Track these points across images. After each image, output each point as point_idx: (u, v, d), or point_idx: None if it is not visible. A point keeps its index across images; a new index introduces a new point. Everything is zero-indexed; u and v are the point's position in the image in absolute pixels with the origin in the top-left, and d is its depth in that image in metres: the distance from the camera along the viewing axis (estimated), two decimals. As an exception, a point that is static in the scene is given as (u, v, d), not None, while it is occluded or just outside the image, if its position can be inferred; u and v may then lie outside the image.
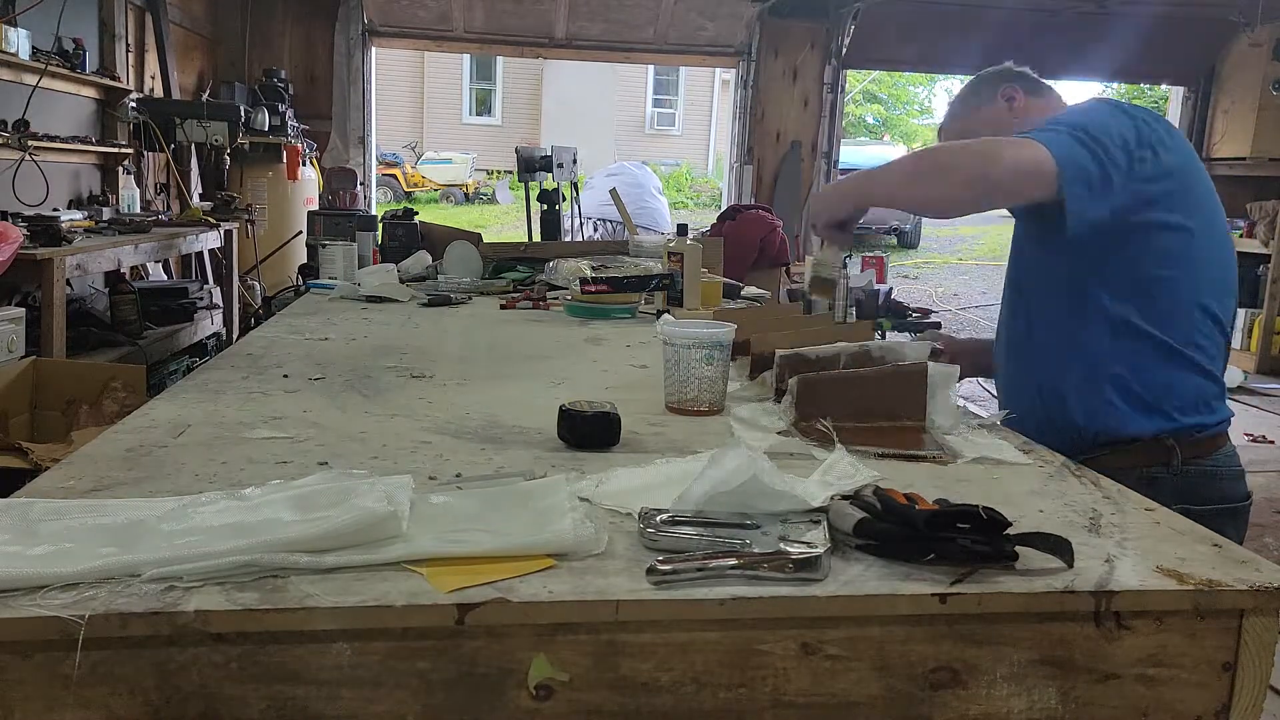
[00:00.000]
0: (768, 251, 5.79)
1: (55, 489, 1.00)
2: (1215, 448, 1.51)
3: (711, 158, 20.11)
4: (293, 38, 6.89)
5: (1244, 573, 0.88)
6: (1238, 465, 1.53)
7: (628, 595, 0.80)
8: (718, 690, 0.82)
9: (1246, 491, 1.53)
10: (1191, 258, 1.48)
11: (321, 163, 6.80)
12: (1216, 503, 1.45)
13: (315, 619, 0.76)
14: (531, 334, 2.13)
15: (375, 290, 2.54)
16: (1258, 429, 5.36)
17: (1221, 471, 1.51)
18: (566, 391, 1.49)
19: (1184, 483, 1.45)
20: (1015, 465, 1.21)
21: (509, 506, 0.97)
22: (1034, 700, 0.85)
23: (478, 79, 20.52)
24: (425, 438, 1.25)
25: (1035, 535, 0.89)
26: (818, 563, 0.84)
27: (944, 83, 24.58)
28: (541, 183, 5.79)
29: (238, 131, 5.28)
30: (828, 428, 1.24)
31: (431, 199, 18.05)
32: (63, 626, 0.73)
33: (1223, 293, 1.52)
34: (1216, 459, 1.51)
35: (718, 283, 2.57)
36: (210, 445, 1.18)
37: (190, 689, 0.76)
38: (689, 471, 1.02)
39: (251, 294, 5.67)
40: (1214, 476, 1.49)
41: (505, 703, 0.79)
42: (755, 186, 7.52)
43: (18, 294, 3.69)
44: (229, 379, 1.55)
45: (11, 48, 3.95)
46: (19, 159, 4.07)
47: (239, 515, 0.89)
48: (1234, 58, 7.57)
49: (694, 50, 7.74)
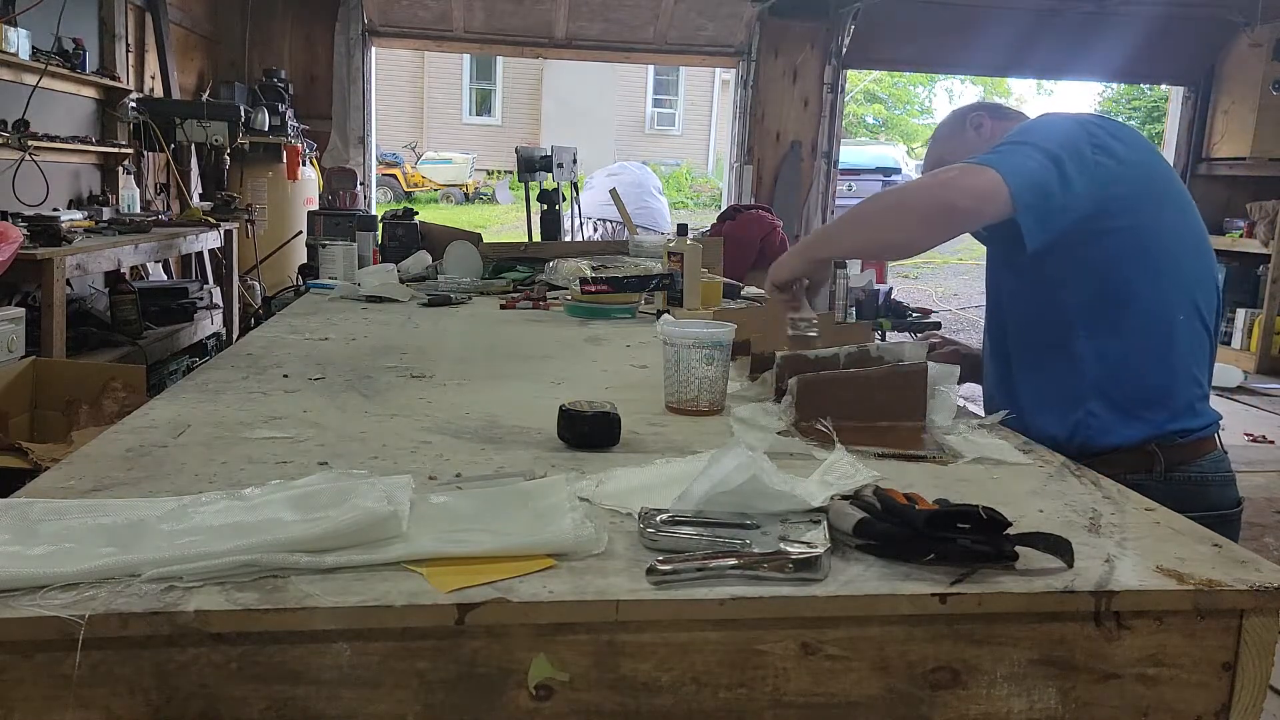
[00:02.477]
0: (768, 251, 5.78)
1: (55, 489, 1.00)
2: (1202, 453, 1.46)
3: (711, 158, 20.12)
4: (293, 38, 6.89)
5: (1244, 573, 0.88)
6: (1227, 470, 1.49)
7: (628, 595, 0.80)
8: (718, 690, 0.82)
9: (1238, 498, 1.49)
10: (1162, 256, 1.45)
11: (321, 163, 6.80)
12: (1204, 510, 1.29)
13: (315, 619, 0.76)
14: (531, 334, 2.13)
15: (375, 290, 2.54)
16: (1258, 429, 5.36)
17: (1209, 477, 1.46)
18: (566, 391, 1.49)
19: (1169, 490, 1.35)
20: (1015, 465, 1.21)
21: (509, 506, 0.97)
22: (1034, 700, 0.85)
23: (478, 79, 20.52)
24: (425, 438, 1.25)
25: (1035, 535, 0.89)
26: (818, 563, 0.84)
27: (944, 83, 24.62)
28: (541, 183, 5.79)
29: (238, 131, 5.28)
30: (828, 428, 1.24)
31: (431, 199, 18.05)
32: (63, 626, 0.73)
33: (1200, 287, 1.48)
34: (1203, 464, 1.46)
35: (718, 283, 2.56)
36: (210, 445, 1.18)
37: (190, 689, 0.76)
38: (689, 471, 1.02)
39: (251, 294, 5.67)
40: (1202, 483, 1.45)
41: (505, 703, 0.79)
42: (755, 186, 7.51)
43: (18, 294, 3.69)
44: (229, 379, 1.55)
45: (11, 48, 3.94)
46: (19, 159, 4.06)
47: (239, 515, 0.89)
48: (1234, 58, 7.56)
49: (694, 50, 7.73)
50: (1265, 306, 7.05)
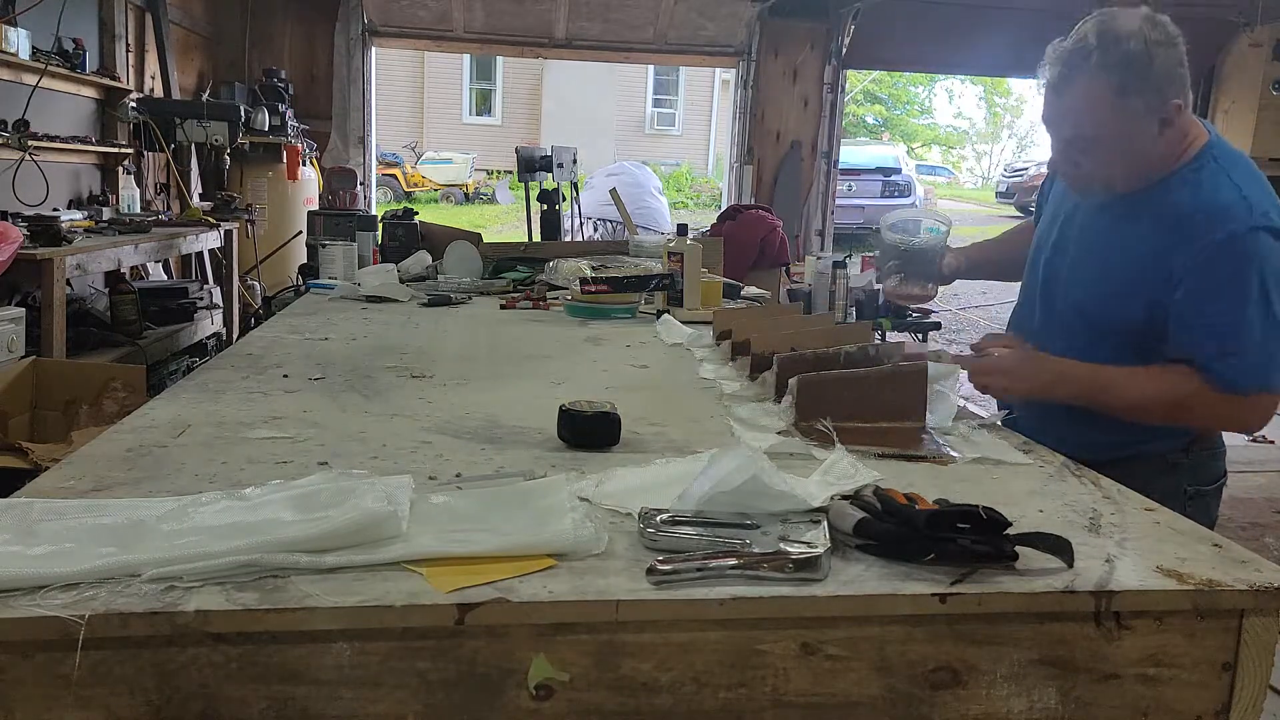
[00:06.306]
0: (768, 251, 5.79)
1: (55, 489, 1.00)
2: (1217, 432, 1.59)
3: (711, 158, 20.11)
4: (293, 38, 6.89)
5: (1244, 573, 0.88)
6: (1224, 444, 1.61)
7: (628, 595, 0.80)
8: (718, 690, 0.82)
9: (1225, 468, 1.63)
10: None
11: (321, 163, 6.79)
12: (1215, 480, 1.57)
13: (315, 619, 0.76)
14: (531, 334, 2.13)
15: (375, 290, 2.54)
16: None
17: (1220, 452, 1.59)
18: (566, 391, 1.49)
19: (1199, 464, 1.54)
20: (1015, 465, 1.21)
21: (509, 506, 0.97)
22: (1034, 700, 0.85)
23: (478, 79, 20.52)
24: (425, 438, 1.25)
25: (1035, 535, 0.89)
26: (818, 563, 0.84)
27: (944, 83, 24.64)
28: (541, 183, 5.80)
29: (238, 131, 5.28)
30: (828, 428, 1.24)
31: (431, 199, 18.04)
32: (63, 626, 0.73)
33: None
34: (1215, 440, 1.58)
35: (718, 283, 2.56)
36: (210, 445, 1.18)
37: (190, 689, 0.76)
38: (689, 471, 1.02)
39: (251, 294, 5.67)
40: (1215, 457, 1.58)
41: (505, 703, 0.79)
42: (755, 186, 7.51)
43: (18, 294, 3.68)
44: (229, 379, 1.55)
45: (11, 48, 3.94)
46: (19, 159, 4.06)
47: (239, 515, 0.89)
48: (1234, 58, 7.56)
49: (694, 50, 7.73)
50: (1265, 306, 7.04)
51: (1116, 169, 1.47)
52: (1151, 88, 1.39)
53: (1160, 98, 1.40)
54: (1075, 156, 1.49)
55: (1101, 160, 1.47)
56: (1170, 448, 1.52)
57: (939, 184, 21.90)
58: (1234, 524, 3.60)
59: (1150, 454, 1.50)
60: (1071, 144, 1.48)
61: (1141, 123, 1.41)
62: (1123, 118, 1.41)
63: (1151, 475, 1.17)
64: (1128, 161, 1.46)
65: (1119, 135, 1.42)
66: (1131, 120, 1.41)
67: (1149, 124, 1.41)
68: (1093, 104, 1.41)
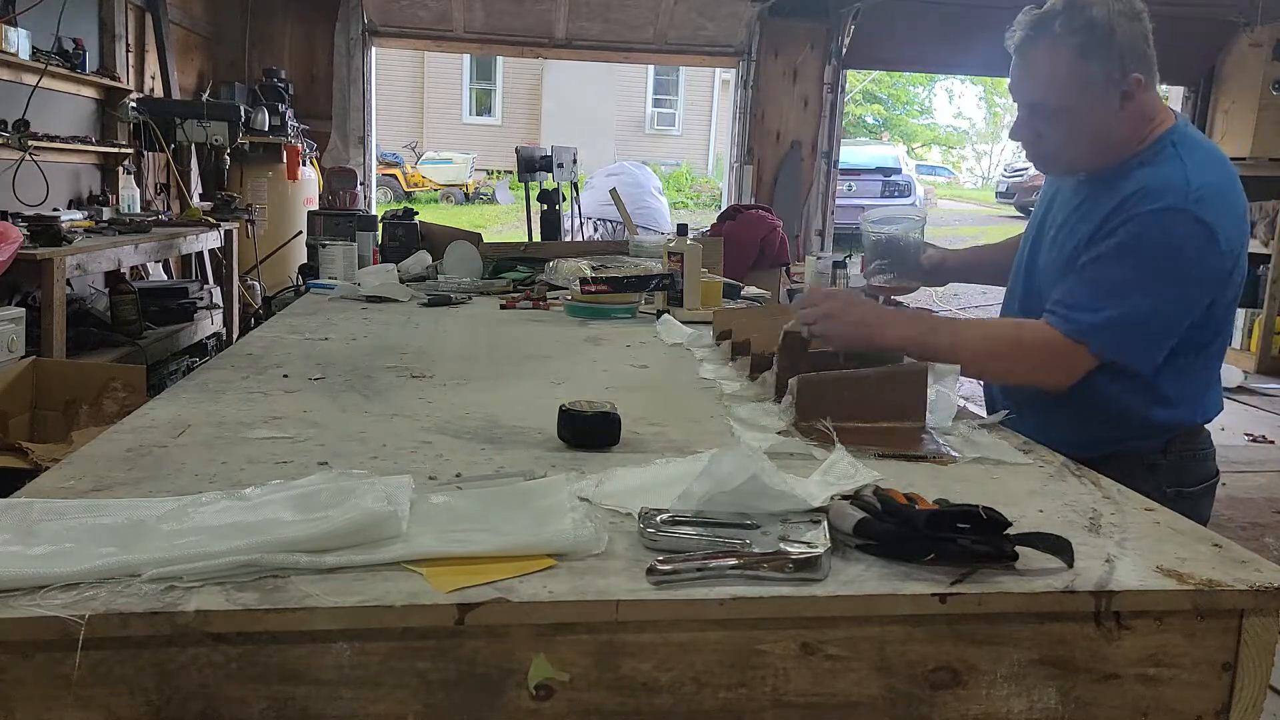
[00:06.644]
0: (768, 251, 5.79)
1: (55, 489, 1.00)
2: (1202, 433, 1.56)
3: (711, 158, 20.11)
4: (293, 38, 6.89)
5: (1244, 573, 0.88)
6: (1212, 445, 1.59)
7: (628, 595, 0.80)
8: (718, 690, 0.82)
9: (1217, 468, 1.60)
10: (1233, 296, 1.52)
11: (321, 163, 6.80)
12: (1200, 482, 1.53)
13: (315, 619, 0.76)
14: (531, 334, 2.13)
15: (375, 290, 2.54)
16: (1258, 429, 5.36)
17: (1207, 453, 1.57)
18: (566, 391, 1.49)
19: (1180, 465, 1.51)
20: (1015, 465, 1.21)
21: (509, 506, 0.97)
22: (1034, 700, 0.85)
23: (478, 79, 20.52)
24: (425, 438, 1.25)
25: (1035, 535, 0.89)
26: (818, 563, 0.84)
27: (944, 83, 24.61)
28: (541, 183, 5.80)
29: (238, 131, 5.28)
30: (828, 428, 1.24)
31: (431, 199, 18.04)
32: (63, 626, 0.73)
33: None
34: (1202, 440, 1.56)
35: (718, 283, 2.56)
36: (210, 445, 1.18)
37: (190, 689, 0.76)
38: (689, 471, 1.02)
39: (251, 294, 5.67)
40: (1197, 459, 1.55)
41: (505, 703, 0.79)
42: (755, 186, 7.52)
43: (18, 294, 3.68)
44: (229, 379, 1.55)
45: (11, 48, 3.95)
46: (19, 159, 4.06)
47: (239, 515, 0.89)
48: (1234, 58, 7.56)
49: (694, 50, 7.74)
50: (1265, 306, 7.05)
51: (1080, 145, 1.48)
52: (1113, 55, 1.41)
53: (1121, 68, 1.42)
54: (1038, 125, 1.50)
55: (1062, 131, 1.48)
56: (1148, 448, 1.50)
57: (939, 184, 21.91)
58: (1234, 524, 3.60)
59: (1127, 454, 1.48)
60: (1034, 111, 1.50)
61: (1102, 93, 1.43)
62: (1082, 83, 1.43)
63: (1129, 476, 1.16)
64: (1089, 136, 1.47)
65: (1080, 105, 1.44)
66: (1091, 88, 1.43)
67: (1110, 95, 1.43)
68: (1054, 66, 1.44)
